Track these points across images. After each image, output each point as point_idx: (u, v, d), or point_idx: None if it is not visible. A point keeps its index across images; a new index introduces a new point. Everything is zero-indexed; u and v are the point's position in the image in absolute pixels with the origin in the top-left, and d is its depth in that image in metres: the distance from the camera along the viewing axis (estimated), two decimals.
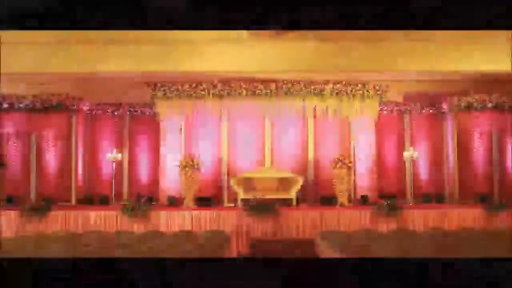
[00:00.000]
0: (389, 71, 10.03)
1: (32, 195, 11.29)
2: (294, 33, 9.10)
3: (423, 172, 12.14)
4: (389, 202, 9.92)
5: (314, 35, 9.06)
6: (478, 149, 11.68)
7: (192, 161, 10.78)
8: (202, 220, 9.88)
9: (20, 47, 9.40)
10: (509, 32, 8.28)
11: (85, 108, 11.79)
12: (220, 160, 11.81)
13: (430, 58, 9.65)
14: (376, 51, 9.56)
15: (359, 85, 10.61)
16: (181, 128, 11.70)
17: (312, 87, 10.50)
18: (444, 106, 11.87)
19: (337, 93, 10.58)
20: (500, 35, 8.54)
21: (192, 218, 9.91)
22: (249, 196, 10.50)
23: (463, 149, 11.69)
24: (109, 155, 11.20)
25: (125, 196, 11.88)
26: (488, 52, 9.48)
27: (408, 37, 9.23)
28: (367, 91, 10.66)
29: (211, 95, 10.58)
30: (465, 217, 10.02)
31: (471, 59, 9.64)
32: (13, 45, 9.18)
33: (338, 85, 10.57)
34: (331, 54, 9.69)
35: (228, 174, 11.68)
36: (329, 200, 11.04)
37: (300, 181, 10.98)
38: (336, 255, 6.21)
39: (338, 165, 10.85)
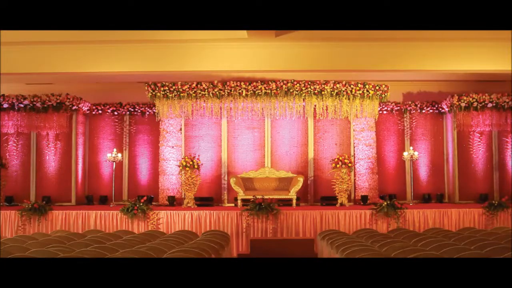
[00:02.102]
0: (389, 71, 10.02)
1: (32, 195, 11.30)
2: (294, 33, 9.09)
3: (423, 172, 12.15)
4: (389, 202, 9.92)
5: (314, 35, 9.05)
6: (478, 149, 11.69)
7: (192, 161, 10.78)
8: (202, 220, 9.88)
9: (20, 47, 9.38)
10: (509, 32, 8.27)
11: (85, 108, 11.80)
12: (220, 160, 11.82)
13: (430, 58, 9.63)
14: (376, 51, 9.54)
15: (359, 85, 10.60)
16: (181, 128, 11.72)
17: (312, 87, 10.49)
18: (444, 106, 11.87)
19: (337, 93, 10.57)
20: (500, 35, 8.53)
21: (192, 218, 9.91)
22: (249, 196, 10.51)
23: (463, 149, 11.70)
24: (109, 155, 11.20)
25: (125, 196, 11.90)
26: (488, 52, 9.47)
27: (408, 37, 9.21)
28: (367, 91, 10.64)
29: (211, 95, 10.58)
30: (465, 217, 10.02)
31: (471, 59, 9.62)
32: (13, 45, 9.17)
33: (338, 85, 10.56)
34: (331, 54, 9.68)
35: (228, 174, 11.69)
36: (329, 200, 11.05)
37: (300, 181, 10.99)
38: (336, 255, 6.21)
39: (338, 165, 10.86)
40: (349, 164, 10.90)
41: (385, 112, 12.06)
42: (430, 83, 12.16)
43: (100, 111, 12.11)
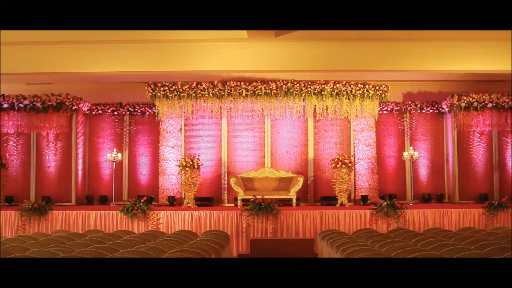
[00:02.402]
0: (389, 71, 10.02)
1: (32, 195, 11.30)
2: (294, 33, 9.10)
3: (423, 172, 12.15)
4: (389, 202, 9.92)
5: (314, 35, 9.05)
6: (478, 149, 11.69)
7: (192, 161, 10.78)
8: (202, 220, 9.88)
9: (20, 47, 9.38)
10: (509, 32, 8.27)
11: (85, 108, 11.80)
12: (220, 160, 11.82)
13: (430, 58, 9.63)
14: (376, 51, 9.54)
15: (359, 85, 10.60)
16: (181, 128, 11.72)
17: (312, 87, 10.48)
18: (444, 106, 11.87)
19: (337, 93, 10.57)
20: (500, 35, 8.53)
21: (192, 218, 9.91)
22: (249, 196, 10.50)
23: (463, 149, 11.70)
24: (109, 155, 11.20)
25: (125, 196, 11.91)
26: (488, 52, 9.47)
27: (408, 37, 9.21)
28: (367, 91, 10.64)
29: (211, 95, 10.57)
30: (465, 217, 10.02)
31: (471, 59, 9.62)
32: (13, 45, 9.17)
33: (338, 85, 10.56)
34: (331, 54, 9.68)
35: (228, 174, 11.69)
36: (329, 200, 11.05)
37: (300, 181, 10.99)
38: (336, 255, 6.21)
39: (338, 165, 10.86)
40: (349, 164, 10.89)
41: (385, 112, 12.06)
42: (430, 83, 12.16)
43: (100, 111, 12.11)
